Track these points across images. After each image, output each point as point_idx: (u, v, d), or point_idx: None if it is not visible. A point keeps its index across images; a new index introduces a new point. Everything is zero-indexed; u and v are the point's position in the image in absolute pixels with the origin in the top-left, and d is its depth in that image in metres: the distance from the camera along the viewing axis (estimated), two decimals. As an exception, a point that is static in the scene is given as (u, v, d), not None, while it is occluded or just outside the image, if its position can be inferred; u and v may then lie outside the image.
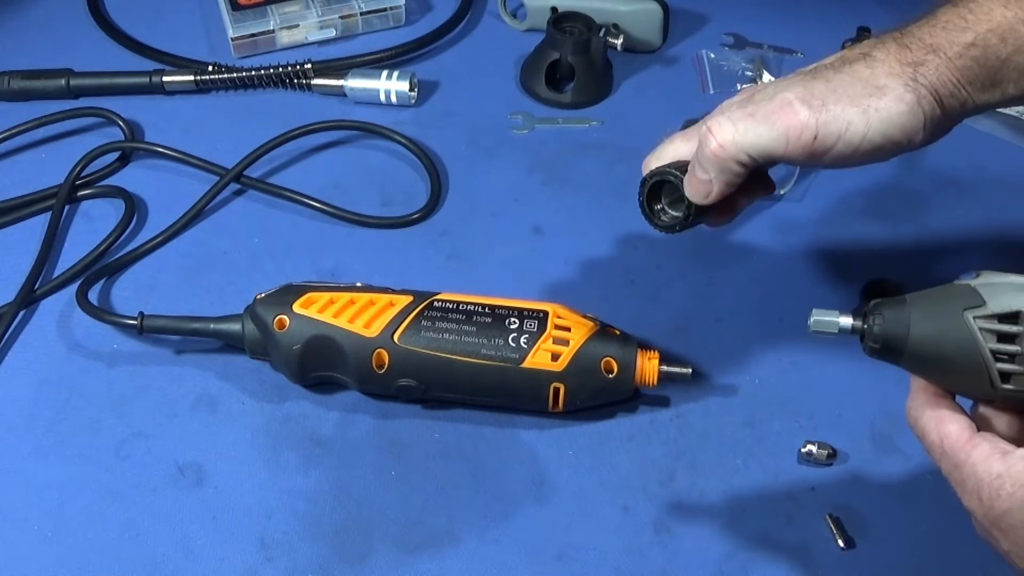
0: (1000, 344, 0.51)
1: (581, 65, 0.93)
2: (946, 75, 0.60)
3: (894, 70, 0.60)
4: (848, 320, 0.55)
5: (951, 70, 0.60)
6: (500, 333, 0.68)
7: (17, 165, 0.89)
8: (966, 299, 0.52)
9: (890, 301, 0.54)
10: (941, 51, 0.60)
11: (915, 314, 0.53)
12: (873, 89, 0.60)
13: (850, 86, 0.60)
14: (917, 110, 0.60)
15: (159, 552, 0.65)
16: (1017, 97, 0.62)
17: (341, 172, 0.88)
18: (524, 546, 0.66)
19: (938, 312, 0.53)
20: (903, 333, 0.53)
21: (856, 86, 0.60)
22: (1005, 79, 0.61)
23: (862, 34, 0.99)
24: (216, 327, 0.72)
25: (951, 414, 0.54)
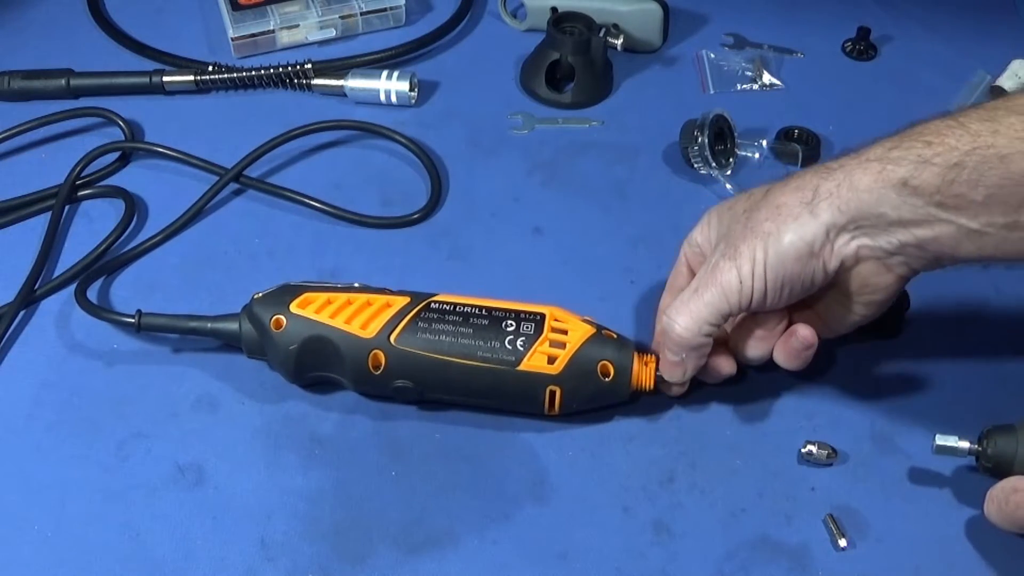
0: None
1: (581, 65, 0.93)
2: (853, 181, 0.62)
3: (800, 183, 0.63)
4: (966, 444, 0.66)
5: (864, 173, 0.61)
6: (497, 335, 0.68)
7: (17, 165, 0.89)
8: None
9: (1000, 429, 0.65)
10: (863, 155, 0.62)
11: (1022, 440, 0.64)
12: (772, 211, 0.63)
13: (758, 215, 0.64)
14: (810, 225, 0.62)
15: (159, 552, 0.65)
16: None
17: (341, 172, 0.88)
18: (524, 546, 0.66)
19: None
20: (1011, 455, 0.64)
21: (762, 213, 0.64)
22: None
23: (862, 34, 0.99)
24: (214, 326, 0.72)
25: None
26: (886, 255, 0.63)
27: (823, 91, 0.96)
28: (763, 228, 0.63)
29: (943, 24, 1.03)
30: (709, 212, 0.69)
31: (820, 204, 0.62)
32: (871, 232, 0.62)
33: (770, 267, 0.63)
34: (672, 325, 0.66)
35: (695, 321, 0.65)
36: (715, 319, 0.65)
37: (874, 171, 0.61)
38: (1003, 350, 0.76)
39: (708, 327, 0.65)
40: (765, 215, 0.63)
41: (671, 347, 0.67)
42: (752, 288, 0.63)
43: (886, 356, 0.75)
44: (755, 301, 0.64)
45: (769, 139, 0.90)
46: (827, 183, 0.62)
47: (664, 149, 0.90)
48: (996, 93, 0.94)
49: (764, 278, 0.63)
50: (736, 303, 0.64)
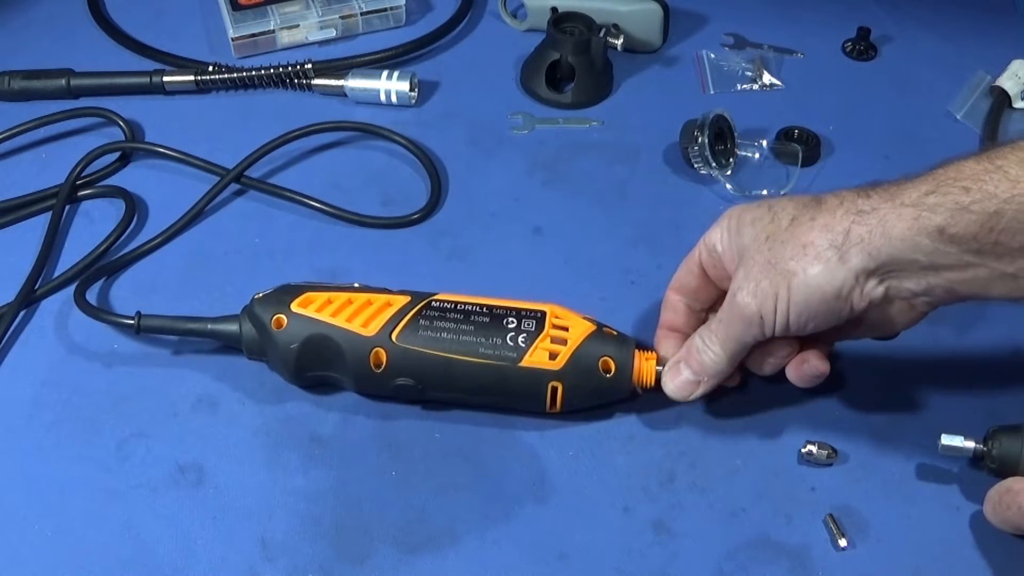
0: None
1: (581, 65, 0.93)
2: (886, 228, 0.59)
3: (831, 222, 0.61)
4: (971, 444, 0.66)
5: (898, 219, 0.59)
6: (498, 332, 0.68)
7: (17, 165, 0.89)
8: None
9: (1005, 430, 0.65)
10: (897, 199, 0.60)
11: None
12: (799, 249, 0.62)
13: (783, 250, 0.62)
14: (839, 271, 0.61)
15: (159, 552, 0.65)
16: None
17: (341, 172, 0.88)
18: (524, 546, 0.66)
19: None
20: (1016, 457, 0.64)
21: (788, 249, 0.62)
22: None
23: (862, 33, 0.99)
24: (213, 327, 0.72)
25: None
26: (913, 296, 0.62)
27: (823, 91, 0.96)
28: (787, 267, 0.62)
29: (943, 24, 1.03)
30: (728, 217, 0.67)
31: (851, 250, 0.60)
32: (900, 276, 0.61)
33: (794, 306, 0.62)
34: (705, 352, 0.66)
35: (726, 352, 0.66)
36: (743, 351, 0.66)
37: (909, 218, 0.59)
38: (1004, 350, 0.76)
39: (735, 358, 0.66)
40: (791, 253, 0.62)
41: (695, 368, 0.67)
42: (775, 323, 0.63)
43: (886, 356, 0.75)
44: (778, 332, 0.64)
45: (769, 139, 0.90)
46: (859, 228, 0.60)
47: (664, 149, 0.90)
48: (996, 93, 0.94)
49: (787, 315, 0.62)
50: (760, 334, 0.64)
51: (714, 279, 0.69)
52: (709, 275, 0.69)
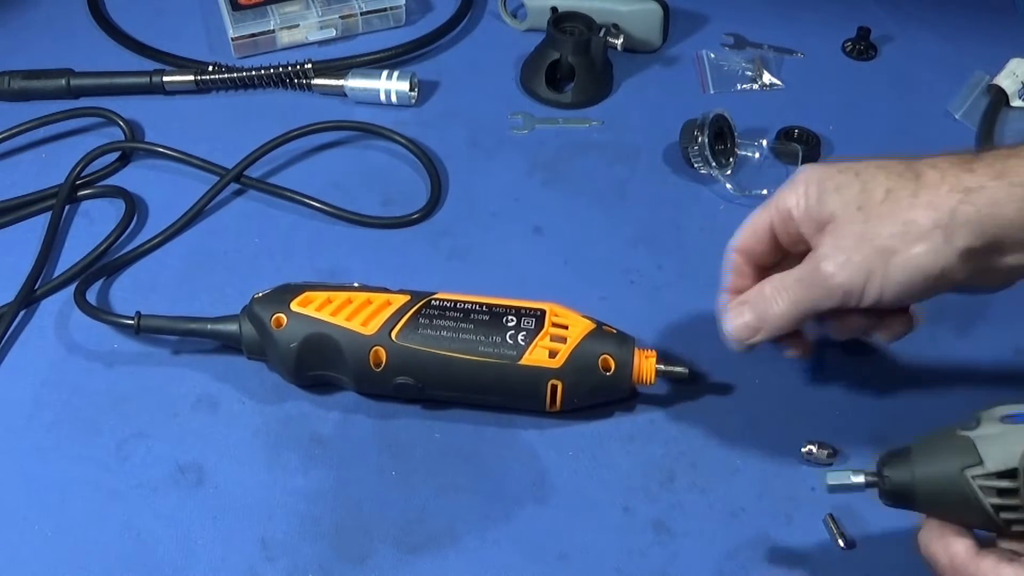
0: (1000, 499, 0.54)
1: (581, 65, 0.93)
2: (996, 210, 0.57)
3: (935, 199, 0.59)
4: (860, 478, 0.59)
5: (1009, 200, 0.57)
6: (498, 330, 0.68)
7: (17, 165, 0.89)
8: (964, 457, 0.55)
9: (896, 458, 0.58)
10: (1006, 177, 0.58)
11: (918, 472, 0.56)
12: (899, 227, 0.59)
13: (880, 226, 0.59)
14: (943, 249, 0.58)
15: (159, 552, 0.65)
16: None
17: (341, 172, 0.88)
18: (524, 546, 0.66)
19: (938, 471, 0.56)
20: (910, 489, 0.57)
21: (886, 226, 0.59)
22: None
23: (862, 33, 0.99)
24: (213, 327, 0.72)
25: (957, 537, 0.55)
26: (1012, 268, 0.61)
27: (823, 91, 0.96)
28: (886, 244, 0.59)
29: (943, 24, 1.03)
30: (806, 182, 0.63)
31: (957, 231, 0.58)
32: (1006, 252, 0.60)
33: (893, 285, 0.60)
34: (774, 304, 0.63)
35: (795, 312, 0.63)
36: (812, 315, 0.63)
37: (1019, 198, 0.57)
38: (1004, 349, 0.76)
39: (804, 320, 0.64)
40: (890, 230, 0.59)
41: (758, 315, 0.64)
42: (862, 298, 0.61)
43: (886, 356, 0.75)
44: (864, 305, 0.61)
45: (769, 139, 0.90)
46: (966, 208, 0.58)
47: (664, 149, 0.90)
48: (993, 91, 0.94)
49: (880, 292, 0.60)
50: (837, 305, 0.62)
51: (785, 244, 0.66)
52: (779, 239, 0.66)
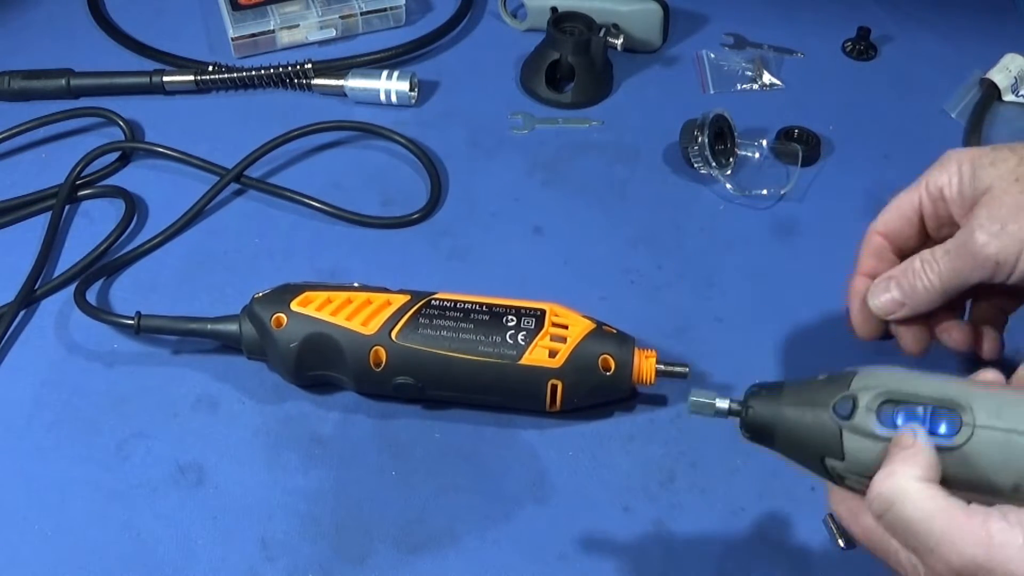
0: (852, 482, 0.53)
1: (581, 65, 0.93)
2: None
3: None
4: (725, 404, 0.56)
5: None
6: (497, 330, 0.69)
7: (17, 165, 0.89)
8: (827, 445, 0.53)
9: (765, 397, 0.55)
10: None
11: (781, 425, 0.54)
12: None
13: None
14: None
15: (159, 552, 0.65)
16: None
17: (341, 172, 0.88)
18: (524, 546, 0.66)
19: (801, 436, 0.53)
20: (770, 432, 0.54)
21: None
22: None
23: (862, 33, 0.99)
24: (213, 327, 0.72)
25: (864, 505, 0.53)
26: None
27: (823, 91, 0.96)
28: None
29: (943, 24, 1.03)
30: (957, 158, 0.63)
31: None
32: None
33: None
34: (922, 277, 0.62)
35: (943, 285, 0.62)
36: (961, 288, 0.62)
37: None
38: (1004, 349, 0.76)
39: (952, 294, 0.62)
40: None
41: (905, 290, 0.63)
42: (1013, 270, 0.59)
43: (886, 355, 0.75)
44: (1014, 280, 0.60)
45: (769, 139, 0.90)
46: None
47: (664, 149, 0.90)
48: (986, 86, 0.94)
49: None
50: (988, 278, 0.60)
51: (931, 228, 0.65)
52: (926, 222, 0.65)
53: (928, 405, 0.51)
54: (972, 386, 0.52)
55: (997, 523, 0.47)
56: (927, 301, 0.63)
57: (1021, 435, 0.49)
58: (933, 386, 0.51)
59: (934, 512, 0.48)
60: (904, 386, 0.52)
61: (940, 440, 0.50)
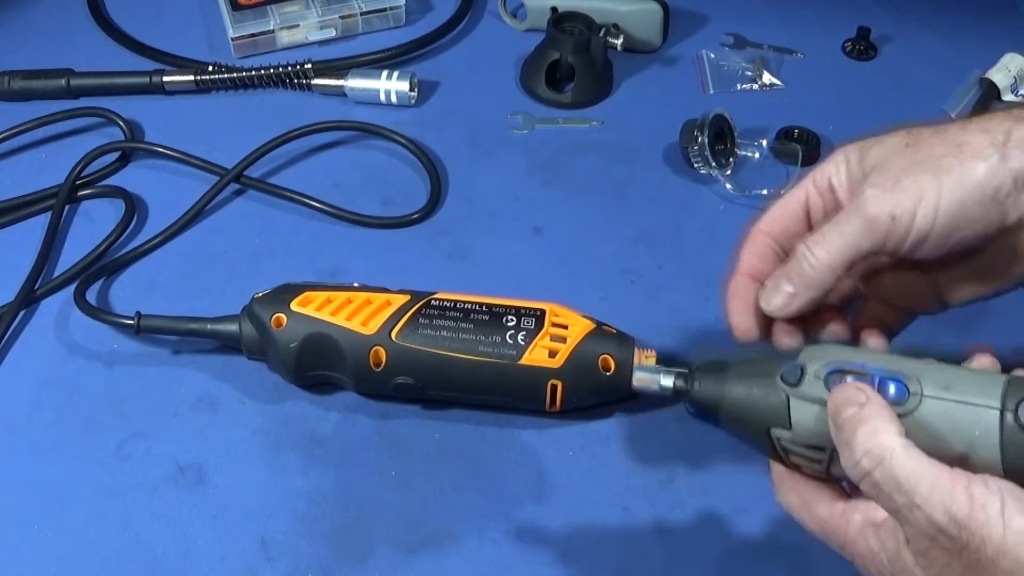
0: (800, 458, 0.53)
1: (581, 65, 0.93)
2: None
3: (988, 125, 0.55)
4: (669, 382, 0.57)
5: None
6: (497, 330, 0.68)
7: (17, 165, 0.89)
8: (775, 416, 0.53)
9: (710, 374, 0.56)
10: None
11: (726, 401, 0.54)
12: (952, 148, 0.55)
13: (931, 150, 0.56)
14: (999, 168, 0.54)
15: (159, 552, 0.65)
16: None
17: (341, 172, 0.88)
18: (524, 546, 0.66)
19: (746, 411, 0.54)
20: (714, 409, 0.55)
21: (937, 149, 0.56)
22: None
23: (862, 33, 0.99)
24: (213, 327, 0.72)
25: (818, 500, 0.54)
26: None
27: (823, 91, 0.96)
28: (940, 163, 0.55)
29: (943, 24, 1.03)
30: (844, 149, 0.60)
31: (1013, 151, 0.54)
32: None
33: (945, 208, 0.54)
34: (805, 255, 0.57)
35: (831, 257, 0.56)
36: (852, 256, 0.56)
37: None
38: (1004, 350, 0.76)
39: (842, 267, 0.57)
40: (942, 151, 0.55)
41: (794, 279, 0.58)
42: (912, 228, 0.55)
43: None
44: (911, 243, 0.55)
45: (769, 139, 0.90)
46: (1021, 130, 0.55)
47: (664, 149, 0.90)
48: (985, 85, 0.94)
49: (933, 219, 0.54)
50: (880, 242, 0.56)
51: (818, 223, 0.61)
52: (812, 217, 0.61)
53: (876, 375, 0.51)
54: (920, 361, 0.52)
55: (979, 487, 0.47)
56: (818, 281, 0.57)
57: (968, 405, 0.50)
58: (881, 358, 0.52)
59: (921, 470, 0.48)
60: (852, 356, 0.52)
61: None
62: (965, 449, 0.50)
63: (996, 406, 0.50)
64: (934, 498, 0.47)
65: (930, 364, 0.52)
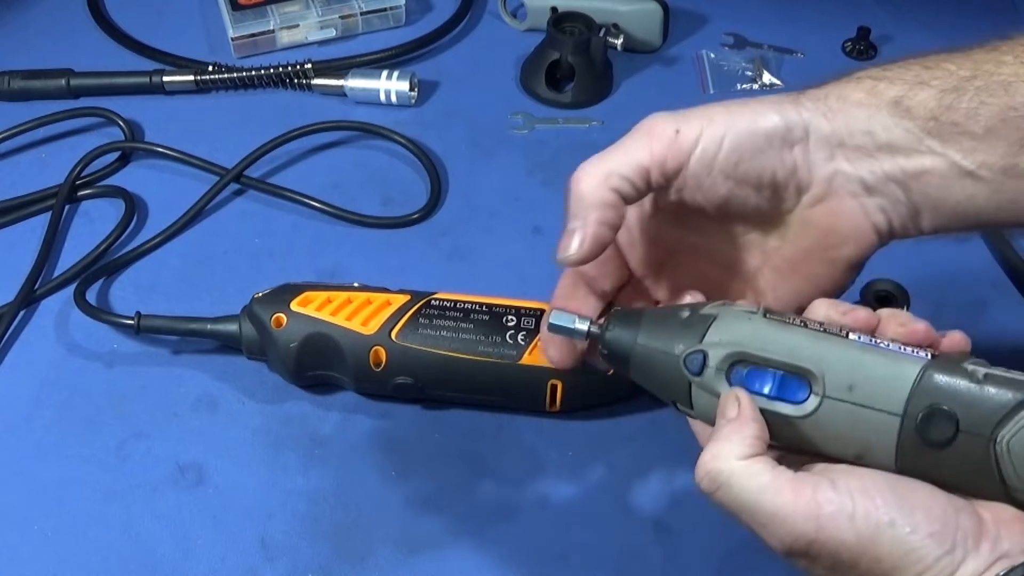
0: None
1: (581, 65, 0.93)
2: (843, 92, 0.55)
3: (783, 95, 0.55)
4: (584, 326, 0.55)
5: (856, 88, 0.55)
6: (497, 330, 0.68)
7: (17, 165, 0.89)
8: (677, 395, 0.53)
9: (626, 314, 0.54)
10: (853, 76, 0.56)
11: (636, 355, 0.53)
12: (746, 101, 0.55)
13: (730, 102, 0.55)
14: (791, 112, 0.54)
15: (159, 552, 0.65)
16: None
17: (341, 172, 0.88)
18: (524, 546, 0.66)
19: (655, 374, 0.53)
20: (626, 358, 0.53)
21: (733, 103, 0.55)
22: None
23: (862, 33, 0.99)
24: (213, 327, 0.72)
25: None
26: (864, 192, 0.54)
27: (823, 91, 0.96)
28: (734, 102, 0.54)
29: (943, 24, 1.02)
30: None
31: (805, 103, 0.54)
32: (853, 156, 0.54)
33: (733, 130, 0.53)
34: (575, 175, 0.54)
35: (601, 169, 0.53)
36: (631, 171, 0.53)
37: (866, 87, 0.55)
38: (1004, 350, 0.76)
39: (617, 178, 0.53)
40: (740, 100, 0.55)
41: (570, 208, 0.54)
42: (696, 144, 0.53)
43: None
44: (695, 163, 0.53)
45: (769, 139, 0.90)
46: (815, 91, 0.55)
47: (664, 149, 0.90)
48: None
49: (720, 140, 0.53)
50: (661, 154, 0.53)
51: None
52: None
53: (777, 372, 0.50)
54: (831, 344, 0.50)
55: (825, 493, 0.47)
56: (599, 200, 0.53)
57: (868, 409, 0.49)
58: (788, 346, 0.50)
59: (761, 490, 0.48)
60: (758, 344, 0.50)
61: (787, 407, 0.50)
62: (860, 451, 0.50)
63: (898, 412, 0.48)
64: (778, 519, 0.47)
65: (842, 350, 0.50)
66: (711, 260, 0.59)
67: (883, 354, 0.50)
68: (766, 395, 0.50)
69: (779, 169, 0.54)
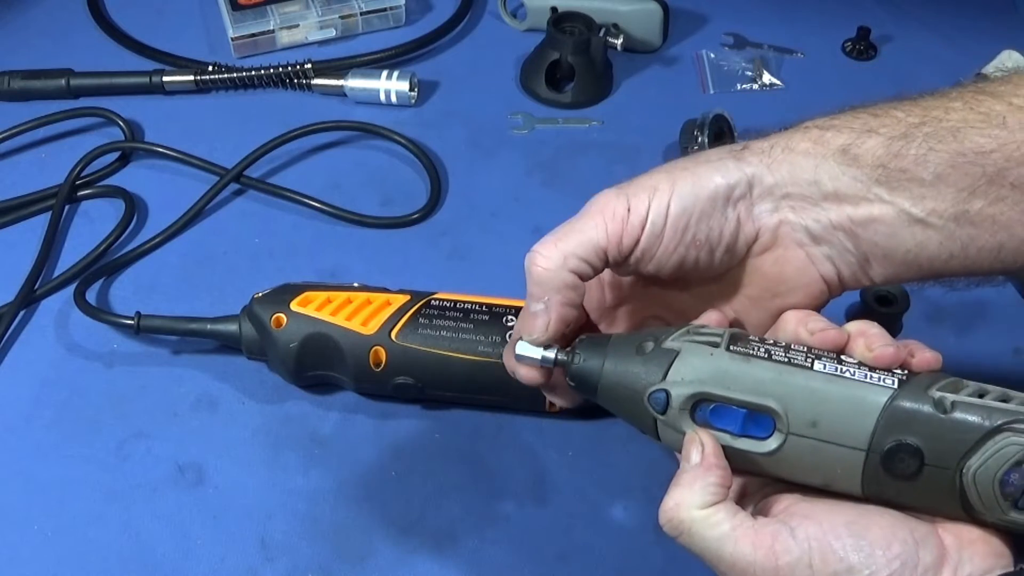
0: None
1: (581, 65, 0.93)
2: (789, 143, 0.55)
3: (730, 148, 0.56)
4: (552, 354, 0.54)
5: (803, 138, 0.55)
6: (497, 330, 0.68)
7: (17, 165, 0.89)
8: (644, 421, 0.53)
9: (593, 343, 0.54)
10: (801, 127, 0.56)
11: (604, 383, 0.53)
12: (691, 159, 0.55)
13: (673, 164, 0.56)
14: (732, 170, 0.54)
15: (159, 552, 0.65)
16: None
17: (341, 172, 0.88)
18: (524, 546, 0.66)
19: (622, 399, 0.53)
20: (596, 378, 0.53)
21: (679, 162, 0.56)
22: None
23: (862, 34, 0.99)
24: (213, 327, 0.72)
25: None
26: (811, 240, 0.54)
27: (823, 91, 0.96)
28: (676, 166, 0.54)
29: (943, 24, 1.03)
30: None
31: (749, 158, 0.54)
32: (799, 206, 0.54)
33: (677, 198, 0.53)
34: (532, 257, 0.55)
35: (559, 252, 0.54)
36: (588, 253, 0.54)
37: (813, 136, 0.54)
38: (1004, 350, 0.76)
39: (576, 260, 0.54)
40: (682, 164, 0.55)
41: (531, 290, 0.55)
42: (646, 219, 0.53)
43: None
44: (646, 238, 0.53)
45: (769, 139, 0.90)
46: (760, 143, 0.55)
47: (664, 149, 0.90)
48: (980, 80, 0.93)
49: (666, 211, 0.53)
50: (616, 234, 0.53)
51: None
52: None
53: (740, 411, 0.50)
54: (794, 377, 0.49)
55: (784, 543, 0.48)
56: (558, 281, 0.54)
57: (831, 444, 0.49)
58: (751, 383, 0.50)
59: (721, 540, 0.49)
60: (720, 382, 0.50)
61: (752, 443, 0.50)
62: (826, 481, 0.50)
63: (862, 448, 0.48)
64: (738, 569, 0.48)
65: (806, 382, 0.49)
66: (666, 307, 0.60)
67: (848, 385, 0.49)
68: (731, 432, 0.51)
69: (725, 228, 0.54)
